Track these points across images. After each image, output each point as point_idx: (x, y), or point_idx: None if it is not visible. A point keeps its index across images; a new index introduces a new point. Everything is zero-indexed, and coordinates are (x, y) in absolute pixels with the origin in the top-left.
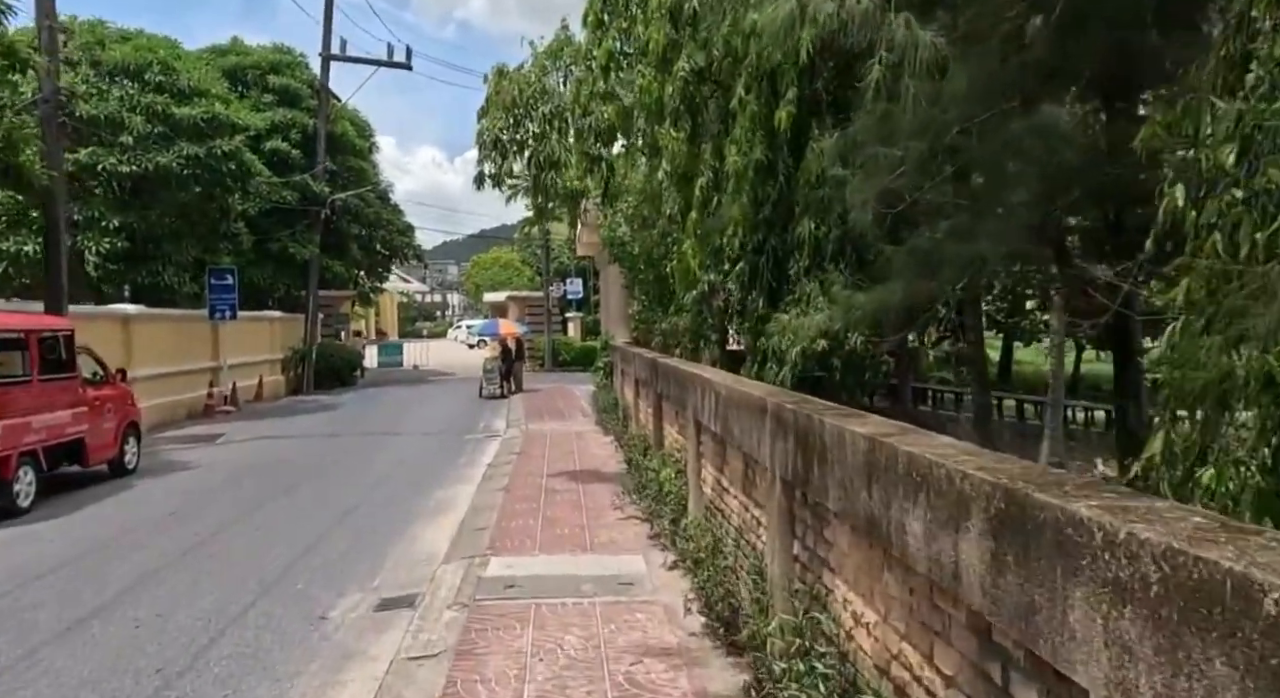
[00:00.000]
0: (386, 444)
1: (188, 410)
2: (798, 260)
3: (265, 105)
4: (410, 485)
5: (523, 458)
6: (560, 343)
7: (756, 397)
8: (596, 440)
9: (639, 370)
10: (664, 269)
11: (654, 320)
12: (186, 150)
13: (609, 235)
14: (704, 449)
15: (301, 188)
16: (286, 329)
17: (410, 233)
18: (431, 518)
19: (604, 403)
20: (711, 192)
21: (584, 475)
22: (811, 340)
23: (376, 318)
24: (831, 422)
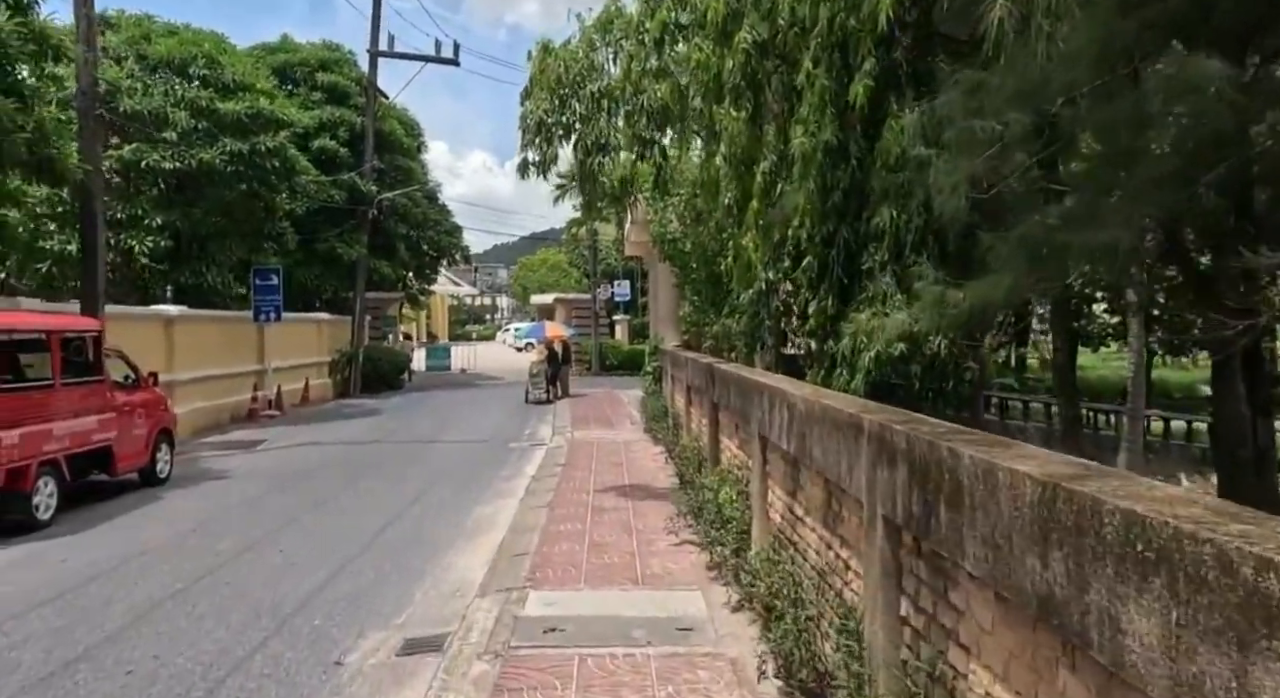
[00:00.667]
0: (428, 453)
1: (231, 414)
2: (872, 254)
3: (314, 103)
4: (449, 500)
5: (568, 470)
6: (607, 346)
7: (848, 413)
8: (645, 451)
9: (691, 376)
10: (718, 267)
11: (705, 322)
12: (230, 146)
13: (659, 232)
14: (771, 470)
15: (349, 187)
16: (334, 331)
17: (458, 233)
18: (469, 540)
19: (653, 410)
20: (775, 178)
21: (633, 492)
22: (888, 344)
23: (427, 320)
24: (972, 453)
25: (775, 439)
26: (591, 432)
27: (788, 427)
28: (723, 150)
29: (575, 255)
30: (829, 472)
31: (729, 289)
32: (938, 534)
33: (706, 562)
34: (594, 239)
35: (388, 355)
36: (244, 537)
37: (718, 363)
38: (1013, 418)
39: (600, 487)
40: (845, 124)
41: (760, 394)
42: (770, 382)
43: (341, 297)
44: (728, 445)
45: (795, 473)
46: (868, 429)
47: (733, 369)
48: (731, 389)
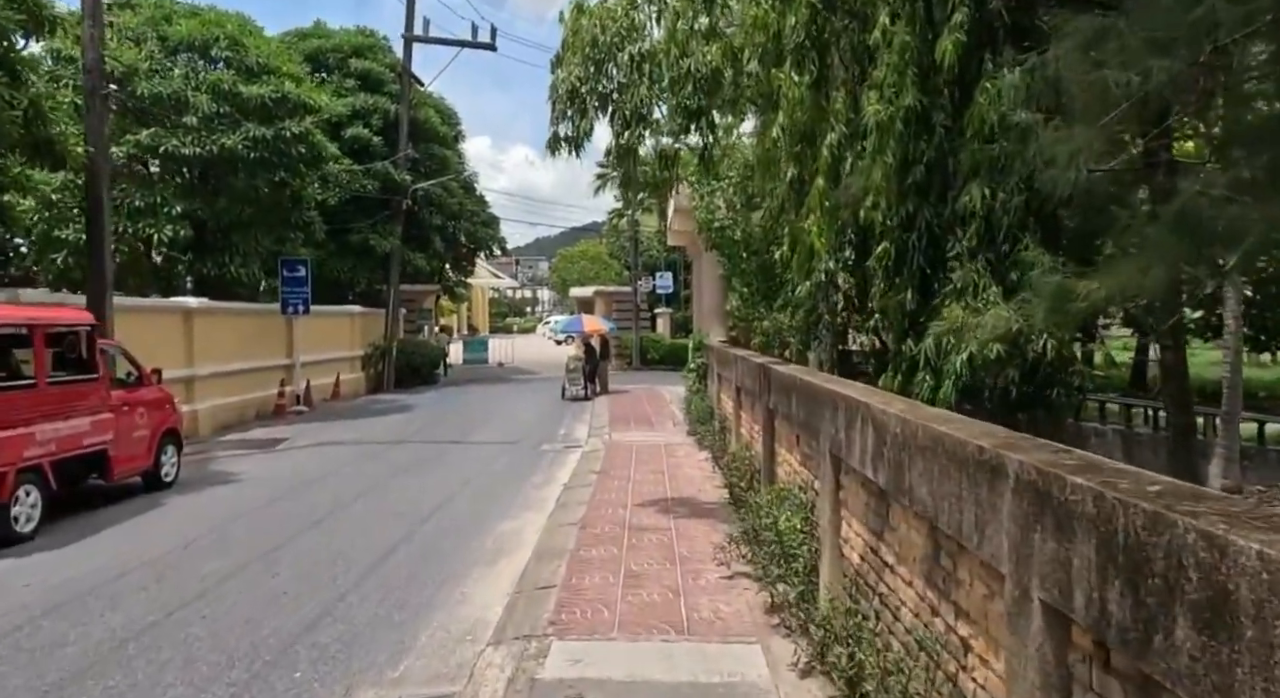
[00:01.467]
0: (455, 455)
1: (257, 411)
2: (959, 239)
3: (347, 90)
4: (470, 514)
5: (604, 478)
6: (648, 340)
7: (975, 446)
8: (690, 456)
9: (741, 377)
10: (769, 257)
11: (755, 317)
12: (253, 132)
13: (705, 219)
14: (848, 498)
15: (382, 176)
16: (367, 325)
17: (495, 225)
18: (488, 565)
19: (697, 411)
20: (843, 152)
21: (676, 506)
22: (984, 344)
23: (468, 313)
24: (1261, 548)
25: (855, 463)
26: (631, 433)
27: (875, 451)
28: (782, 121)
29: (616, 247)
30: (939, 518)
31: (782, 281)
32: (1168, 661)
33: (765, 603)
34: (635, 230)
35: (422, 349)
36: (238, 555)
37: (773, 363)
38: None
39: (639, 500)
40: (929, 88)
41: (834, 406)
42: (847, 391)
43: (375, 289)
44: (786, 459)
45: (882, 508)
46: (1015, 474)
47: (794, 373)
48: (794, 397)
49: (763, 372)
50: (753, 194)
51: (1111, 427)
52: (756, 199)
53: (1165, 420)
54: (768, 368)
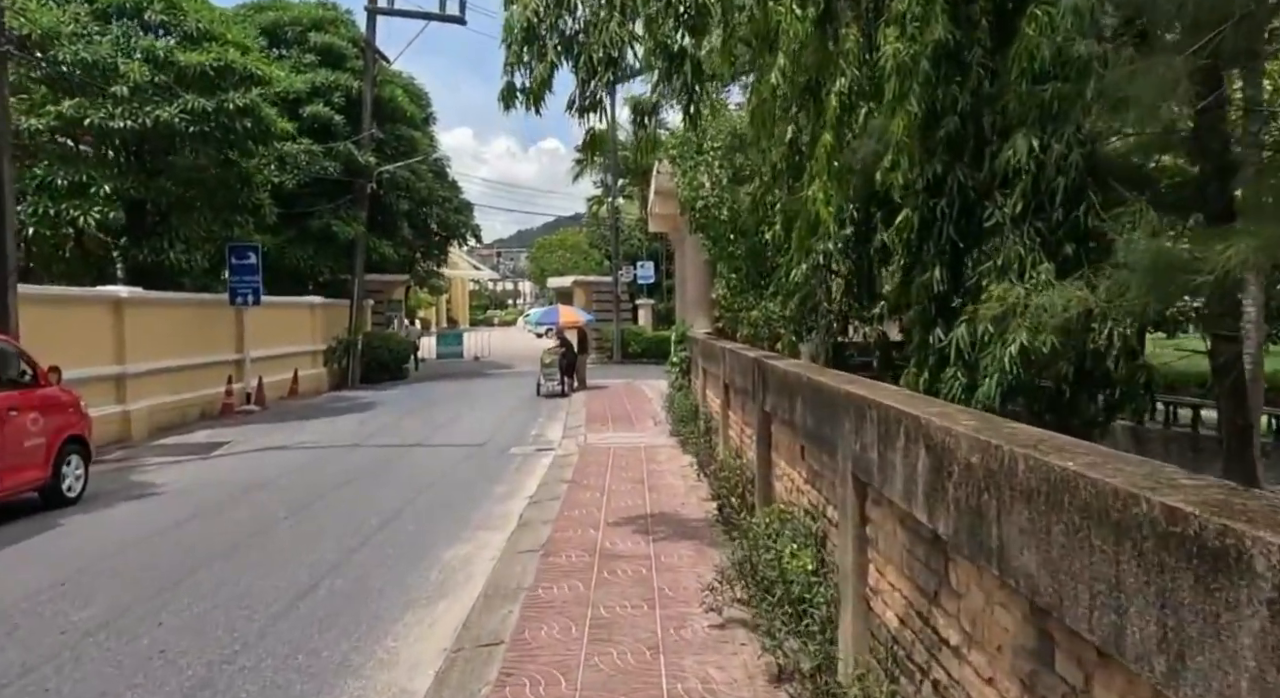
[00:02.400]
0: (413, 461)
1: (202, 410)
2: (1000, 204)
3: (306, 66)
4: (417, 536)
5: (575, 489)
6: (629, 333)
7: (1155, 505)
8: (672, 461)
9: (731, 373)
10: (760, 238)
11: (743, 306)
12: (192, 104)
13: (688, 196)
14: (879, 537)
15: (345, 158)
16: (330, 317)
17: (468, 212)
18: (427, 606)
19: (680, 409)
20: (854, 102)
21: (656, 525)
22: (1042, 333)
23: (447, 305)
24: None
25: (893, 494)
26: (608, 434)
27: (929, 483)
28: (781, 66)
29: (596, 236)
30: (1061, 607)
31: (773, 266)
32: None
33: (769, 669)
34: (616, 218)
35: (390, 343)
36: (122, 597)
37: (768, 358)
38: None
39: (614, 516)
40: (962, 19)
41: (859, 415)
42: (879, 396)
43: (340, 279)
44: (787, 474)
45: (938, 561)
46: (1264, 564)
47: (797, 370)
48: (799, 400)
49: (757, 368)
50: (741, 167)
51: (1152, 424)
52: (746, 171)
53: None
54: (763, 364)
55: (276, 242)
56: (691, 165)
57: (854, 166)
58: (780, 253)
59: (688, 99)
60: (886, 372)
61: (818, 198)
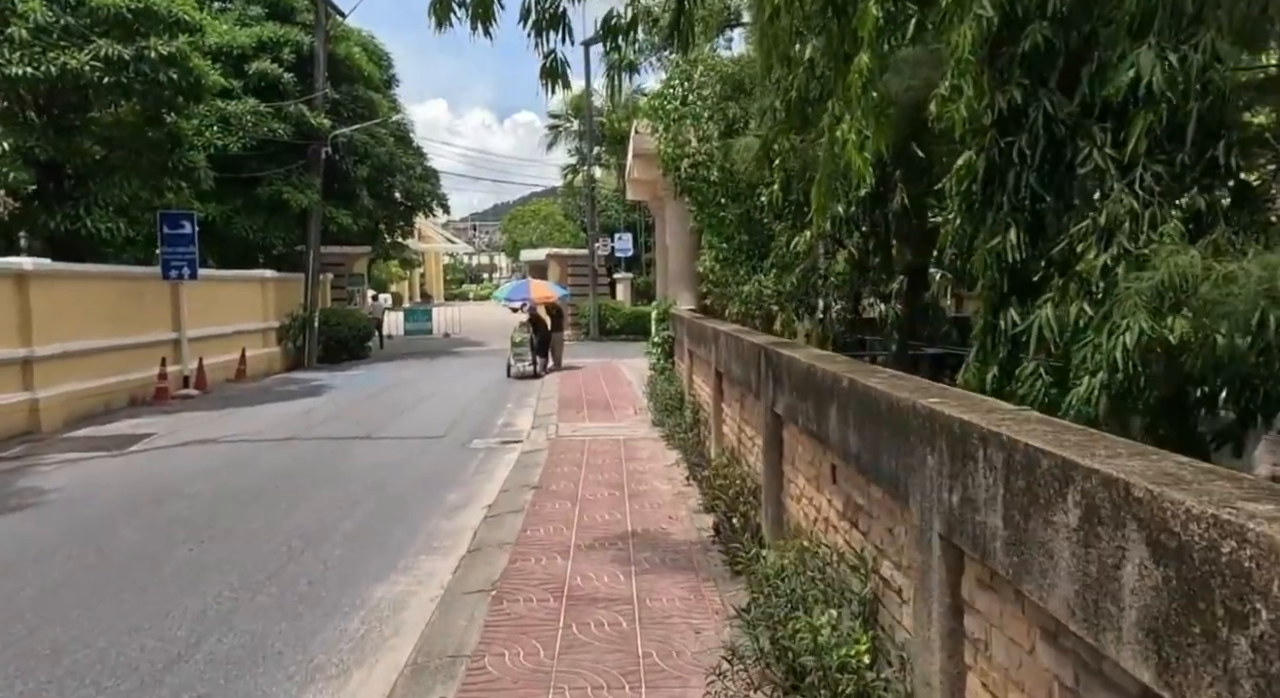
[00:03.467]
0: (357, 458)
1: (132, 395)
2: (1101, 143)
3: (252, 19)
4: (341, 566)
5: (542, 498)
6: (607, 308)
7: None
8: (655, 459)
9: (726, 360)
10: (756, 201)
11: (735, 280)
12: (106, 50)
13: (672, 154)
14: (995, 639)
15: (296, 120)
16: (283, 292)
17: (434, 179)
18: (332, 683)
19: (663, 395)
20: (902, 5)
21: (640, 547)
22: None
23: (421, 280)
24: None
25: (1041, 594)
26: (583, 424)
27: (1167, 612)
28: None
29: (571, 207)
30: None
31: (770, 233)
32: None
33: None
34: (592, 186)
35: (350, 319)
36: None
37: (778, 346)
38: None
39: (587, 536)
40: None
41: (959, 451)
42: (999, 425)
43: (296, 251)
44: (811, 499)
45: None
46: None
47: (829, 366)
48: (832, 407)
49: (764, 358)
50: (734, 119)
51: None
52: (741, 123)
53: None
54: (773, 354)
55: (222, 210)
56: (676, 119)
57: (888, 100)
58: (780, 218)
59: (677, 9)
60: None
61: (848, 140)
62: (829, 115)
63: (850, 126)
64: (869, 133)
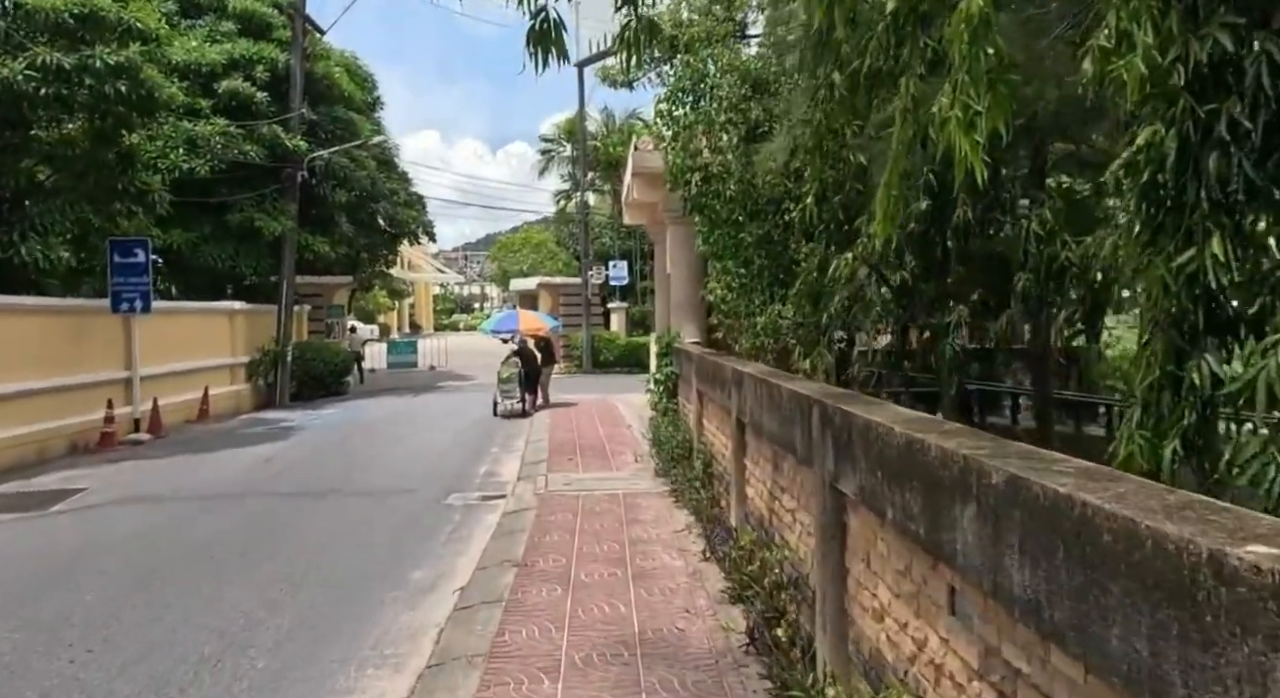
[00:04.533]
0: (310, 521)
1: (72, 442)
2: None
3: (223, 35)
4: (263, 687)
5: (525, 582)
6: (601, 339)
7: None
8: (662, 520)
9: (752, 408)
10: (782, 219)
11: (749, 311)
12: (44, 59)
13: (683, 166)
14: None
15: (270, 141)
16: (253, 324)
17: (419, 206)
18: None
19: (667, 440)
20: None
21: (651, 664)
22: None
23: (410, 310)
24: None
25: None
26: (576, 474)
27: None
28: None
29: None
30: None
31: (795, 260)
32: None
33: None
34: (585, 212)
35: (324, 354)
36: None
37: (839, 399)
38: None
39: (582, 644)
40: None
41: None
42: None
43: (271, 281)
44: (910, 627)
45: None
46: None
47: (939, 440)
48: (968, 510)
49: (818, 415)
50: (757, 122)
51: None
52: (764, 126)
53: None
54: (832, 412)
55: (189, 238)
56: (686, 125)
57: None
58: (810, 238)
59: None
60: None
61: (949, 118)
62: (906, 91)
63: (954, 99)
64: (980, 106)
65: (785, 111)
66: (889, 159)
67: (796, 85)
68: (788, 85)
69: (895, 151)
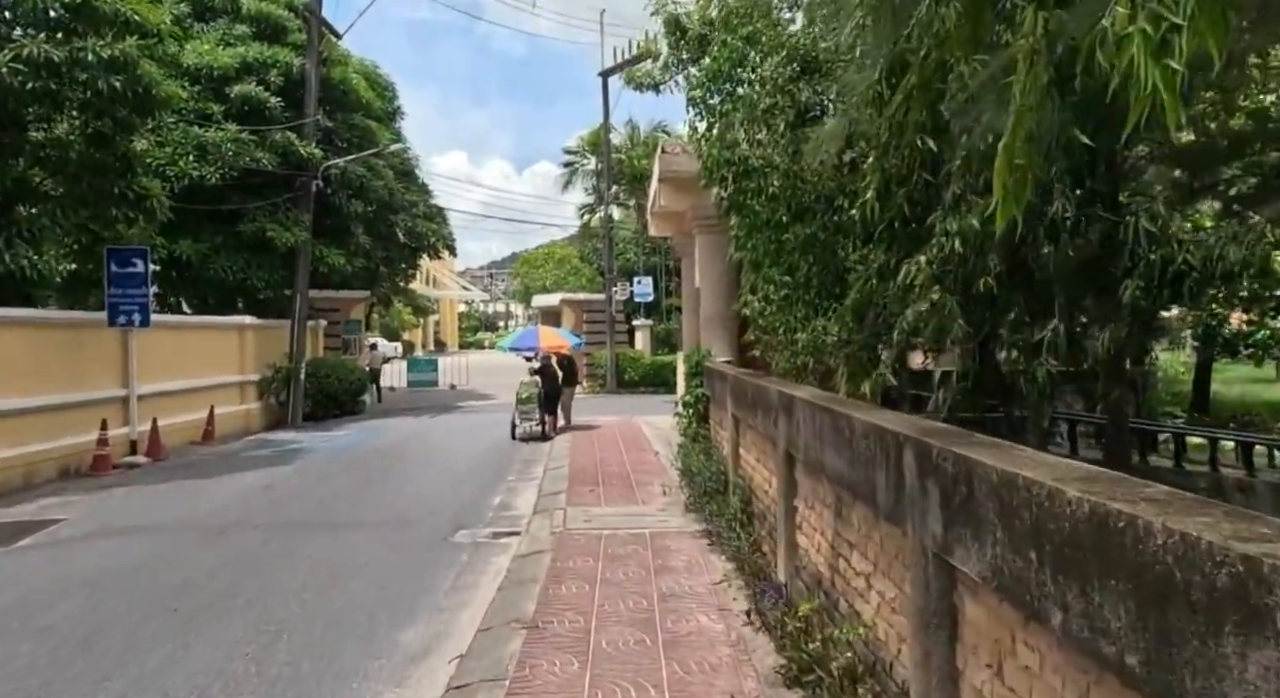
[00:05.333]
0: (302, 559)
1: (62, 466)
2: None
3: (237, 39)
4: None
5: (537, 648)
6: (625, 358)
7: None
8: (697, 569)
9: (807, 442)
10: (832, 219)
11: (788, 327)
12: (30, 51)
13: (719, 158)
14: None
15: (283, 148)
16: (266, 340)
17: (440, 219)
18: None
19: (698, 471)
20: None
21: None
22: None
23: (435, 327)
24: None
25: None
26: (598, 508)
27: None
28: None
29: (587, 249)
30: None
31: (846, 266)
32: None
33: None
34: (610, 226)
35: (342, 371)
36: None
37: (950, 440)
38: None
39: None
40: None
41: None
42: None
43: (286, 295)
44: None
45: None
46: None
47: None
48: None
49: (916, 461)
50: (808, 106)
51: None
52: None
53: None
54: (945, 459)
55: (199, 249)
56: (724, 113)
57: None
58: (869, 240)
59: None
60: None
61: (1133, 37)
62: (1035, 22)
63: (1136, 8)
64: (1180, 17)
65: (842, 92)
66: (1012, 115)
67: (855, 59)
68: (845, 60)
69: (1020, 104)
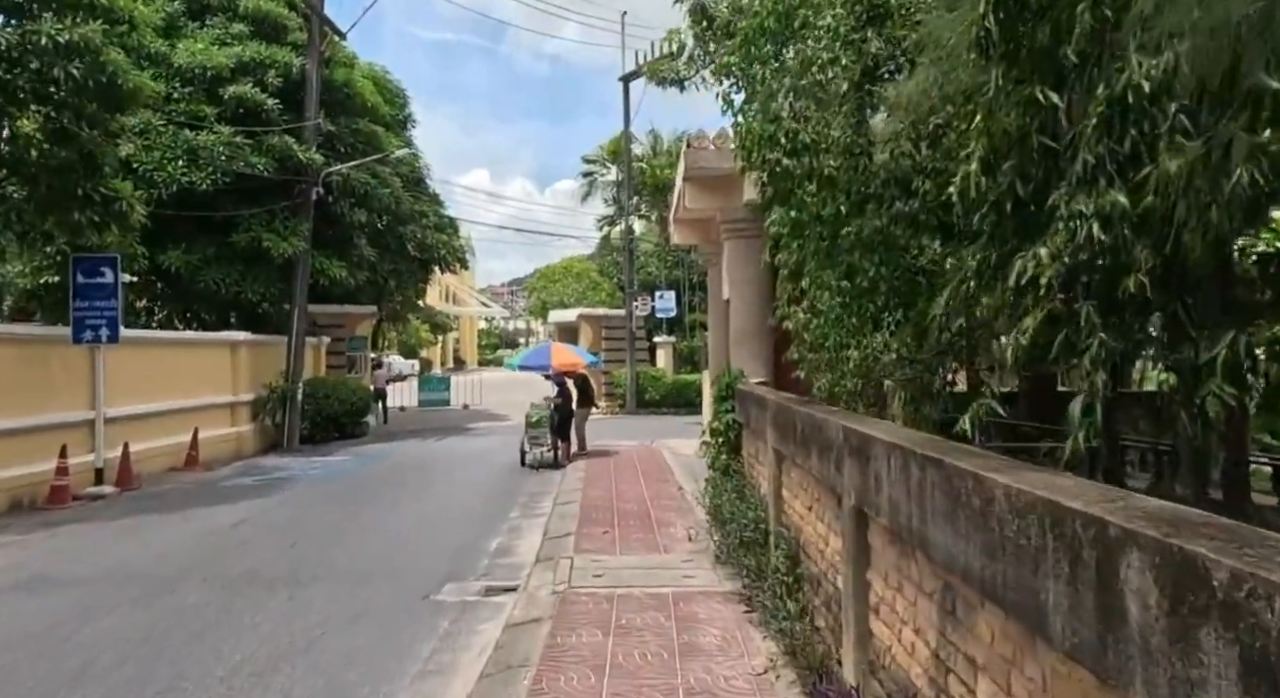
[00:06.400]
0: (245, 629)
1: (12, 499)
2: None
3: (233, 38)
4: None
5: None
6: (646, 377)
7: None
8: (733, 650)
9: (906, 508)
10: (909, 206)
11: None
12: None
13: (763, 133)
14: None
15: (280, 154)
16: (260, 357)
17: (453, 230)
18: None
19: (730, 513)
20: None
21: None
22: None
23: (455, 345)
24: None
25: None
26: (611, 557)
27: None
28: None
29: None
30: None
31: (920, 266)
32: None
33: None
34: (631, 237)
35: (343, 391)
36: None
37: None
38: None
39: None
40: None
41: None
42: None
43: (284, 309)
44: None
45: None
46: None
47: None
48: None
49: (1205, 598)
50: (878, 60)
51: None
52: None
53: None
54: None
55: (189, 259)
56: (764, 79)
57: None
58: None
59: None
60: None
61: None
62: None
63: None
64: None
65: (922, 43)
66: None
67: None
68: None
69: None
